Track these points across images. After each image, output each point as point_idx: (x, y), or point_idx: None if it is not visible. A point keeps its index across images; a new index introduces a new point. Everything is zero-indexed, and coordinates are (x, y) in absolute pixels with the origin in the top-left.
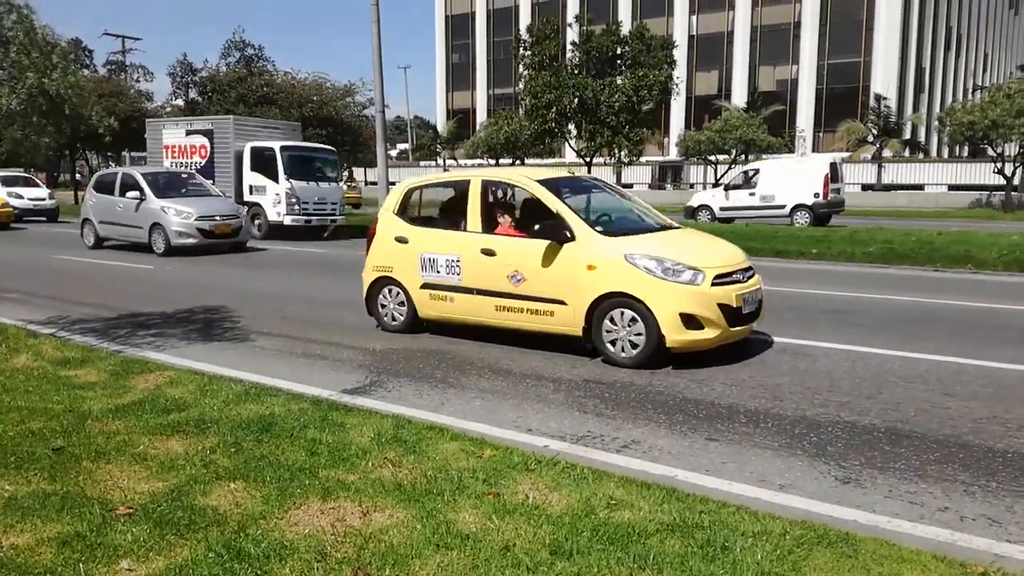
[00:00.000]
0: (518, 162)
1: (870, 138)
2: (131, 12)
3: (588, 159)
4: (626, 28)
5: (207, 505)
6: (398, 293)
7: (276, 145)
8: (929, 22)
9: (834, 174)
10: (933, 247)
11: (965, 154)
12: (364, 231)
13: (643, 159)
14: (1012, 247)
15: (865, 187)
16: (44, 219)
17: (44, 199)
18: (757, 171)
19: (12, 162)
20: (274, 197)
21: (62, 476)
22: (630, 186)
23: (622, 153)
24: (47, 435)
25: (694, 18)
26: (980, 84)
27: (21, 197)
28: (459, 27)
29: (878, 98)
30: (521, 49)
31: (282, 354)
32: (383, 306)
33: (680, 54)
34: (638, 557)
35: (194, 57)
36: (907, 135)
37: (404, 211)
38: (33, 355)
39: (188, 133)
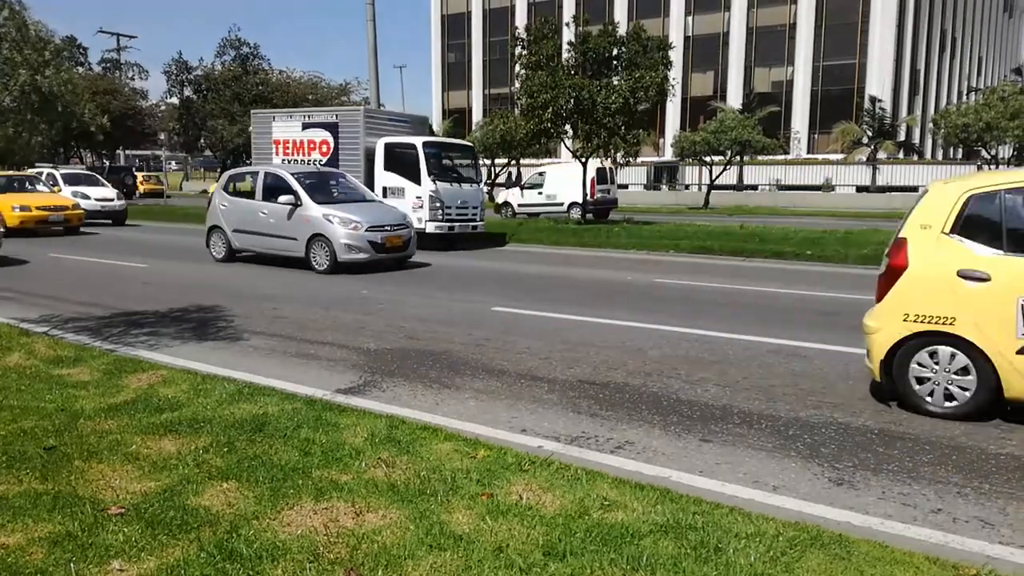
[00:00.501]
0: (514, 162)
1: (865, 140)
2: (128, 10)
3: (584, 160)
4: (622, 29)
5: (199, 505)
6: (958, 358)
7: (418, 141)
8: (924, 25)
9: (602, 178)
10: None
11: (959, 156)
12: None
13: (638, 160)
14: None
15: (860, 189)
16: (110, 222)
17: (112, 200)
18: (544, 174)
19: (5, 160)
20: (415, 201)
21: (54, 475)
22: (625, 187)
23: (618, 154)
24: (39, 434)
25: (689, 19)
26: (974, 87)
27: (88, 197)
28: (455, 27)
29: (873, 100)
30: (518, 48)
31: (276, 353)
32: (921, 380)
33: (676, 55)
34: (631, 558)
35: (189, 55)
36: (902, 137)
37: (958, 229)
38: (26, 354)
39: (306, 126)
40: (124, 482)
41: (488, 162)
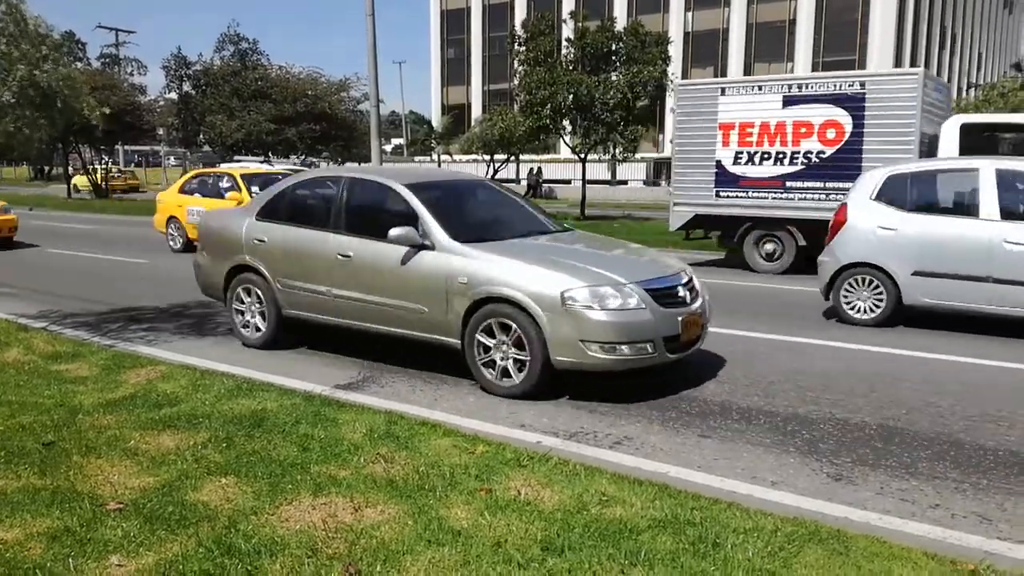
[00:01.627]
0: (512, 159)
1: None
2: (127, 5)
3: (583, 156)
4: (621, 24)
5: (198, 500)
6: None
7: None
8: (924, 21)
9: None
10: None
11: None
12: None
13: (638, 156)
14: None
15: None
16: None
17: None
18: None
19: (4, 155)
20: None
21: (52, 471)
22: (624, 183)
23: (616, 150)
24: (37, 430)
25: (689, 15)
26: (974, 83)
27: None
28: (454, 22)
29: None
30: (516, 45)
31: (274, 349)
32: None
33: (675, 51)
34: (629, 553)
35: (188, 50)
36: None
37: None
38: (24, 349)
39: (791, 101)
40: (122, 477)
41: (488, 158)
